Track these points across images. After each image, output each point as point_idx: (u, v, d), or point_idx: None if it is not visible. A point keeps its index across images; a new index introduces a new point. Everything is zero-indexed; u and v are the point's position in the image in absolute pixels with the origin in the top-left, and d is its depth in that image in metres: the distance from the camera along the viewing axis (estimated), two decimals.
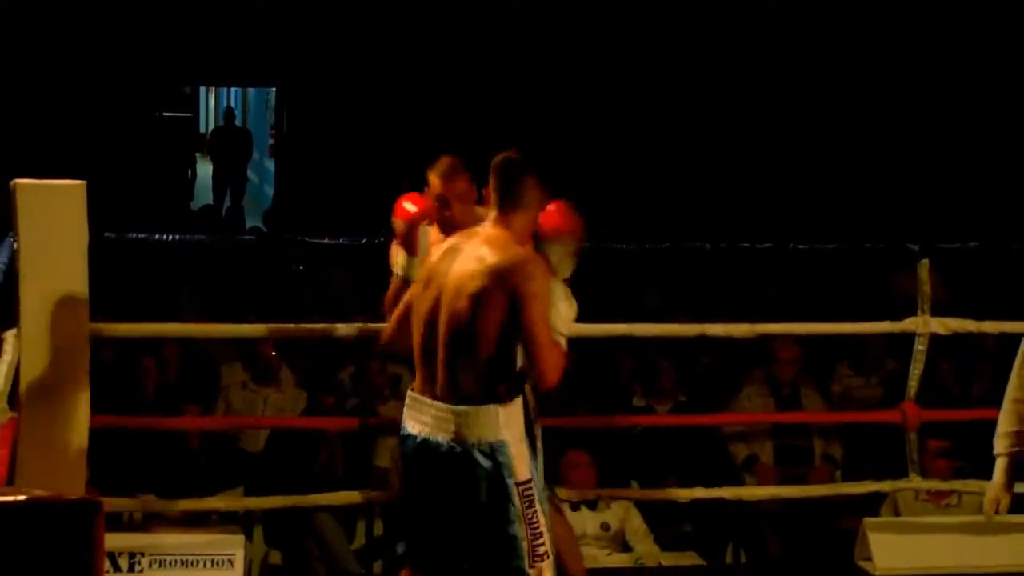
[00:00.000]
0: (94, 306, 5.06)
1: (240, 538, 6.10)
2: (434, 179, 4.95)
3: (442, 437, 4.19)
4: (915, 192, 12.93)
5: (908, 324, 6.30)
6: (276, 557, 6.67)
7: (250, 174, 19.52)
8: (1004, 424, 4.30)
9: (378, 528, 7.12)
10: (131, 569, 5.87)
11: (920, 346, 6.28)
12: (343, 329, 5.77)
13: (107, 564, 5.71)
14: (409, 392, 4.36)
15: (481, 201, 4.81)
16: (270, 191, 18.33)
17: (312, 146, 14.81)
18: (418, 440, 4.25)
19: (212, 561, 5.96)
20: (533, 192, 4.37)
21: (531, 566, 4.15)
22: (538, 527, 4.17)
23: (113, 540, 5.82)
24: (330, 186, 13.88)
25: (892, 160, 13.51)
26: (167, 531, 6.19)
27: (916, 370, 6.32)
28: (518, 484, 4.16)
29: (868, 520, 6.40)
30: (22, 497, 2.17)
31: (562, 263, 4.58)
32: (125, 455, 6.69)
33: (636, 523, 6.78)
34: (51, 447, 4.90)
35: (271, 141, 20.20)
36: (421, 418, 4.25)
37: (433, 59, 14.13)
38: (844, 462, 7.38)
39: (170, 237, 6.71)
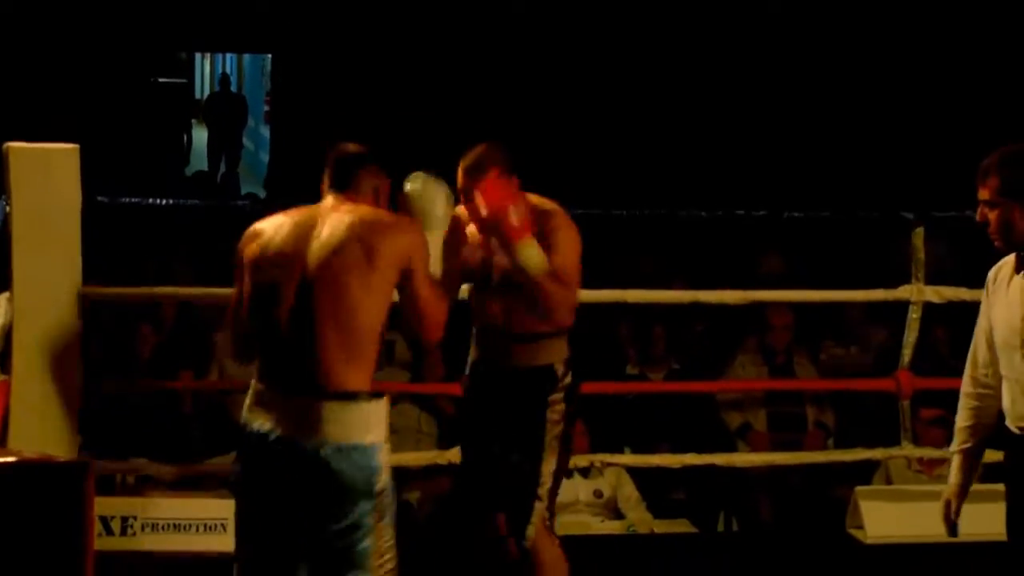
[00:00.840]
0: (87, 270, 5.06)
1: (232, 503, 6.10)
2: (460, 171, 4.56)
3: (302, 437, 3.75)
4: (913, 159, 12.91)
5: (902, 292, 6.32)
6: None
7: (245, 141, 19.50)
8: (959, 419, 4.24)
9: None
10: (123, 532, 5.88)
11: (914, 314, 6.30)
12: None
13: (100, 527, 5.71)
14: (255, 383, 3.89)
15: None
16: (265, 158, 18.31)
17: (308, 113, 14.77)
18: (270, 439, 3.79)
19: (204, 526, 5.97)
20: (368, 179, 4.03)
21: None
22: (389, 541, 3.82)
23: (106, 504, 5.82)
24: (326, 153, 13.84)
25: (889, 127, 13.48)
26: (160, 495, 6.19)
27: (910, 338, 6.35)
28: (378, 494, 3.78)
29: (860, 488, 6.40)
30: (12, 459, 2.17)
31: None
32: (119, 420, 6.70)
33: (628, 490, 6.79)
34: (43, 410, 4.91)
35: (266, 108, 20.17)
36: (272, 414, 3.80)
37: (430, 25, 14.09)
38: (837, 430, 7.39)
39: (164, 202, 6.70)
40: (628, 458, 6.71)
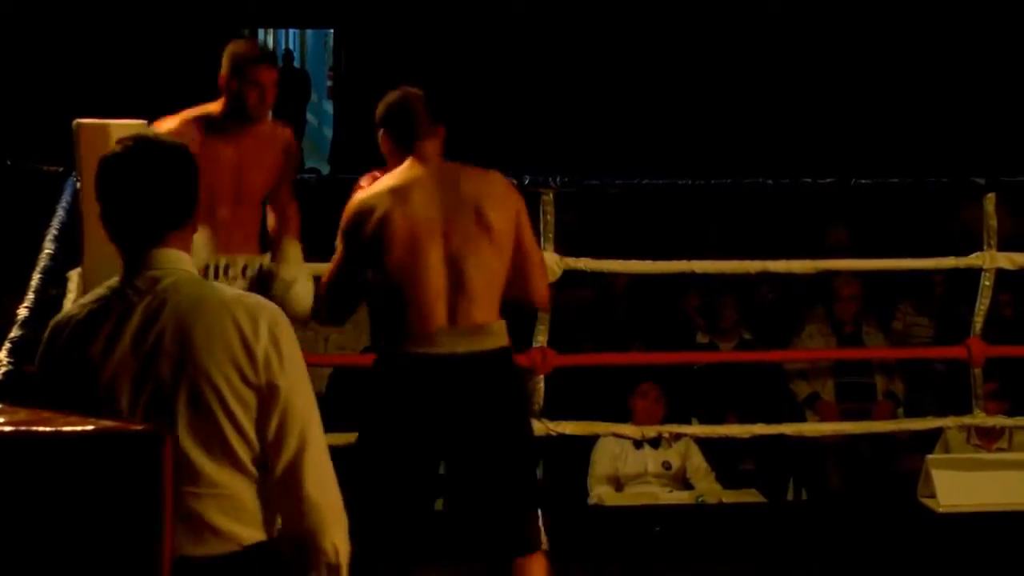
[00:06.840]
0: None
1: None
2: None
3: None
4: (982, 124, 12.76)
5: (974, 259, 6.22)
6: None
7: (309, 116, 19.55)
8: None
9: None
10: None
11: (986, 281, 6.21)
12: None
13: None
14: None
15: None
16: (329, 133, 18.35)
17: (370, 87, 14.77)
18: None
19: None
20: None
21: None
22: None
23: None
24: None
25: (957, 91, 13.34)
26: None
27: (982, 306, 6.25)
28: None
29: (931, 457, 6.34)
30: (90, 427, 2.18)
31: None
32: None
33: (697, 461, 6.78)
34: None
35: (329, 83, 20.21)
36: None
37: None
38: (906, 401, 7.34)
39: None
40: (696, 429, 6.69)
